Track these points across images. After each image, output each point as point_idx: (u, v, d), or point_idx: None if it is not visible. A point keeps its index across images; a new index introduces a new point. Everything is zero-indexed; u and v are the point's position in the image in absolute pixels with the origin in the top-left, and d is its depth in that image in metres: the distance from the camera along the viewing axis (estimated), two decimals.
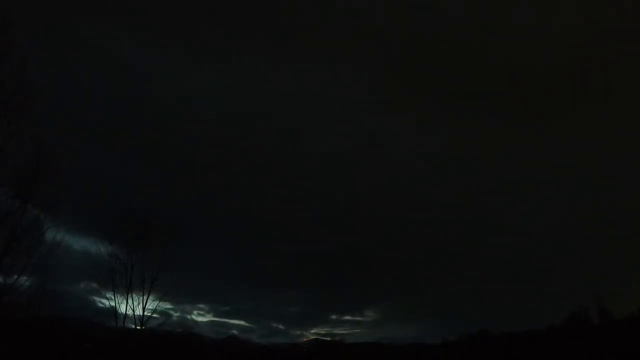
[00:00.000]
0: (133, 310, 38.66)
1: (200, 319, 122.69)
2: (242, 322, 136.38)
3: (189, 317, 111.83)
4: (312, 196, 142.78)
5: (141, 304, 39.11)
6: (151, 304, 39.83)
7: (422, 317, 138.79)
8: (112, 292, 38.00)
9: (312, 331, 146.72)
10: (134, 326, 39.08)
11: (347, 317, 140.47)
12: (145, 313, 39.38)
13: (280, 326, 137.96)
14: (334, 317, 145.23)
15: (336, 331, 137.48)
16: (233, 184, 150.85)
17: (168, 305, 47.06)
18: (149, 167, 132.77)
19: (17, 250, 22.00)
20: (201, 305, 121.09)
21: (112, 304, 38.14)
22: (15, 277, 22.38)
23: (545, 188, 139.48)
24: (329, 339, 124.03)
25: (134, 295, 38.62)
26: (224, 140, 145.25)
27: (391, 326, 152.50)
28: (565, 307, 77.06)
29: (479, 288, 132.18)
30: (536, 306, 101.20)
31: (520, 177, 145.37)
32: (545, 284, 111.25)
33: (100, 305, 39.87)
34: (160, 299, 40.51)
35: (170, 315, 49.78)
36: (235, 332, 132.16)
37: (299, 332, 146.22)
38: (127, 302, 38.40)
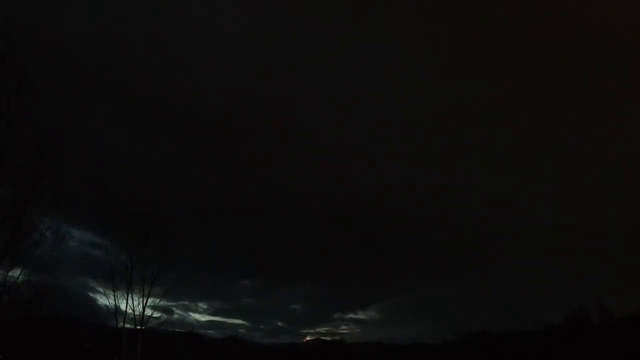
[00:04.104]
0: (133, 310, 38.77)
1: (200, 317, 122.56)
2: (243, 321, 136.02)
3: (191, 314, 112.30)
4: (316, 194, 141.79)
5: (141, 304, 39.22)
6: (151, 304, 40.00)
7: (422, 317, 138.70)
8: (112, 292, 38.14)
9: (315, 330, 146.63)
10: (134, 326, 39.17)
11: (351, 315, 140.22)
12: (145, 313, 39.50)
13: (283, 324, 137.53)
14: (336, 315, 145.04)
15: (337, 330, 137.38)
16: (235, 176, 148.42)
17: (168, 303, 47.26)
18: (152, 155, 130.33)
19: (17, 249, 22.02)
20: (201, 304, 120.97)
21: (112, 303, 38.28)
22: (16, 277, 22.42)
23: (546, 188, 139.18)
24: (329, 338, 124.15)
25: (134, 295, 38.74)
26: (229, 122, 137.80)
27: (391, 326, 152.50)
28: (565, 307, 76.92)
29: (479, 288, 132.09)
30: (536, 306, 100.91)
31: (522, 178, 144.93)
32: (545, 284, 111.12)
33: (100, 305, 40.03)
34: (161, 298, 40.70)
35: (170, 315, 49.93)
36: (235, 331, 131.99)
37: (304, 331, 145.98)
38: (127, 302, 38.52)
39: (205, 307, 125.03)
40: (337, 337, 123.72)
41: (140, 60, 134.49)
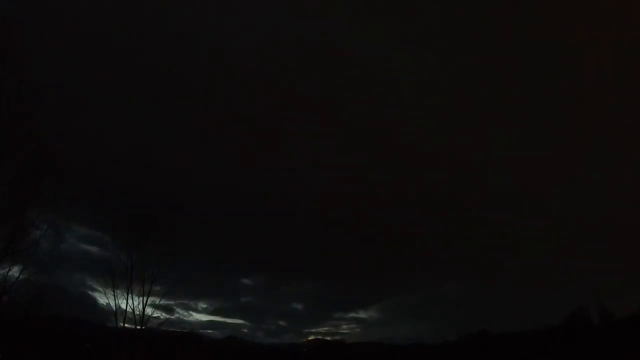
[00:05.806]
0: (133, 310, 38.72)
1: (200, 317, 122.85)
2: (244, 321, 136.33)
3: (191, 314, 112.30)
4: (317, 194, 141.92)
5: (141, 304, 39.17)
6: (151, 303, 39.96)
7: (422, 317, 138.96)
8: (112, 292, 38.09)
9: (317, 329, 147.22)
10: (134, 326, 39.13)
11: (352, 315, 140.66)
12: (145, 313, 39.46)
13: (285, 324, 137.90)
14: (336, 315, 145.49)
15: (338, 330, 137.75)
16: (235, 176, 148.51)
17: (168, 302, 47.27)
18: (152, 155, 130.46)
19: (17, 249, 22.01)
20: (201, 303, 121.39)
21: (112, 303, 38.23)
22: (15, 277, 22.42)
23: (545, 188, 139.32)
24: (329, 338, 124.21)
25: (134, 294, 38.69)
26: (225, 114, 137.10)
27: (391, 326, 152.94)
28: (565, 307, 77.02)
29: (479, 288, 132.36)
30: (536, 306, 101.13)
31: (522, 178, 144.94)
32: (545, 284, 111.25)
33: (100, 305, 39.99)
34: (161, 298, 40.67)
35: (171, 314, 49.90)
36: (237, 330, 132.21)
37: (305, 331, 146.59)
38: (127, 302, 38.48)
39: (205, 306, 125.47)
40: (338, 337, 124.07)
41: (140, 60, 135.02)
